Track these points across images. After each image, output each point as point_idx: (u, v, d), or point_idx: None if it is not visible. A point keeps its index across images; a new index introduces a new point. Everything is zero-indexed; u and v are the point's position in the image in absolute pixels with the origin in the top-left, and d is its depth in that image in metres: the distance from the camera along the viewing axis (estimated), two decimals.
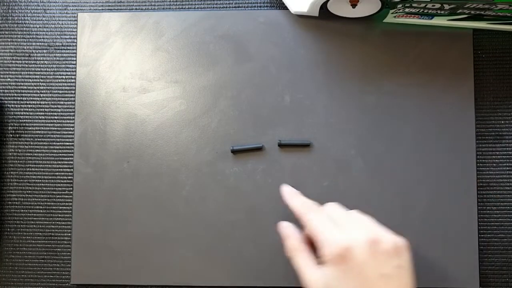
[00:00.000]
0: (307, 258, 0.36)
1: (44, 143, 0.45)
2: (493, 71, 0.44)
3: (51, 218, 0.44)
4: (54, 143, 0.45)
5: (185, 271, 0.42)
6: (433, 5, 0.39)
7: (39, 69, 0.45)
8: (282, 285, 0.42)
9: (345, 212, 0.37)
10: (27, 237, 0.44)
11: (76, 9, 0.46)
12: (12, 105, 0.45)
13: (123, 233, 0.43)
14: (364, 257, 0.33)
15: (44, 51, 0.45)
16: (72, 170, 0.44)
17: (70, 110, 0.45)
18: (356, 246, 0.33)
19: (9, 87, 0.45)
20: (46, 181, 0.45)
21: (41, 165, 0.45)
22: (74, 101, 0.45)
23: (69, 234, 0.44)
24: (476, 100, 0.44)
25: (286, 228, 0.39)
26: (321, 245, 0.34)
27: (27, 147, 0.45)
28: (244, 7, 0.45)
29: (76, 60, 0.44)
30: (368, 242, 0.33)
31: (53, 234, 0.44)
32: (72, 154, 0.44)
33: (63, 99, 0.45)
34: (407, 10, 0.41)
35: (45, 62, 0.45)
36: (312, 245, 0.37)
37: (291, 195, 0.40)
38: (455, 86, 0.43)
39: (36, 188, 0.45)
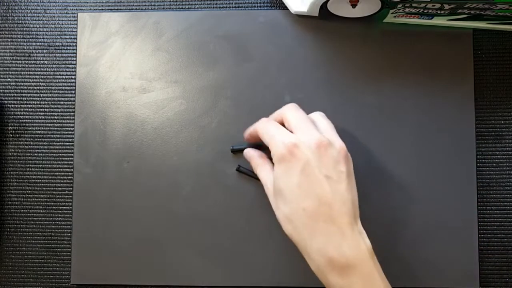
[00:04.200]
0: (265, 166, 0.38)
1: (44, 143, 0.45)
2: (493, 71, 0.44)
3: (51, 218, 0.44)
4: (54, 143, 0.45)
5: (185, 271, 0.42)
6: (433, 5, 0.39)
7: (39, 69, 0.45)
8: (282, 285, 0.42)
9: (297, 112, 0.37)
10: (27, 237, 0.44)
11: (76, 9, 0.46)
12: (12, 105, 0.45)
13: (123, 233, 0.43)
14: (309, 156, 0.34)
15: (44, 51, 0.45)
16: (72, 170, 0.44)
17: (70, 110, 0.45)
18: (303, 145, 0.34)
19: (9, 87, 0.45)
20: (46, 181, 0.45)
21: (41, 165, 0.45)
22: (74, 101, 0.45)
23: (69, 234, 0.44)
24: (476, 100, 0.44)
25: (248, 151, 0.41)
26: (272, 147, 0.35)
27: (27, 147, 0.45)
28: (244, 7, 0.45)
29: (76, 60, 0.44)
30: (316, 144, 0.34)
31: (53, 234, 0.44)
32: (72, 154, 0.44)
33: (63, 99, 0.45)
34: (407, 10, 0.41)
35: (45, 62, 0.45)
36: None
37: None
38: (455, 86, 0.43)
39: (36, 188, 0.45)
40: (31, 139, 0.45)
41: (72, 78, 0.45)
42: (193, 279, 0.43)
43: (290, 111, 0.37)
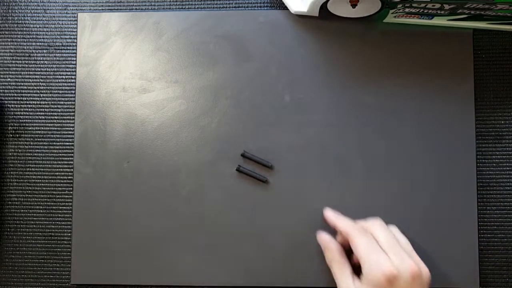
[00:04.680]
0: (345, 269, 0.39)
1: (44, 143, 0.45)
2: (493, 71, 0.44)
3: (51, 218, 0.44)
4: (54, 143, 0.45)
5: (185, 271, 0.43)
6: (433, 5, 0.39)
7: (39, 69, 0.45)
8: (282, 285, 0.42)
9: (387, 232, 0.39)
10: (27, 237, 0.44)
11: (76, 9, 0.46)
12: (12, 105, 0.45)
13: (123, 233, 0.43)
14: (405, 286, 0.36)
15: (44, 51, 0.45)
16: (72, 170, 0.44)
17: (70, 110, 0.45)
18: (401, 279, 0.36)
19: (9, 87, 0.45)
20: (46, 181, 0.45)
21: (41, 165, 0.45)
22: (74, 101, 0.45)
23: (69, 234, 0.44)
24: (476, 100, 0.44)
25: (326, 240, 0.41)
26: (366, 266, 0.37)
27: (27, 147, 0.45)
28: (244, 7, 0.45)
29: (76, 60, 0.44)
30: (412, 275, 0.36)
31: (53, 234, 0.44)
32: (72, 154, 0.44)
33: (63, 99, 0.45)
34: (407, 10, 0.41)
35: (45, 62, 0.45)
36: (347, 253, 0.40)
37: (336, 217, 0.41)
38: (455, 86, 0.43)
39: (36, 188, 0.45)
40: (31, 139, 0.45)
41: (72, 78, 0.45)
42: (193, 279, 0.43)
43: (380, 230, 0.39)
